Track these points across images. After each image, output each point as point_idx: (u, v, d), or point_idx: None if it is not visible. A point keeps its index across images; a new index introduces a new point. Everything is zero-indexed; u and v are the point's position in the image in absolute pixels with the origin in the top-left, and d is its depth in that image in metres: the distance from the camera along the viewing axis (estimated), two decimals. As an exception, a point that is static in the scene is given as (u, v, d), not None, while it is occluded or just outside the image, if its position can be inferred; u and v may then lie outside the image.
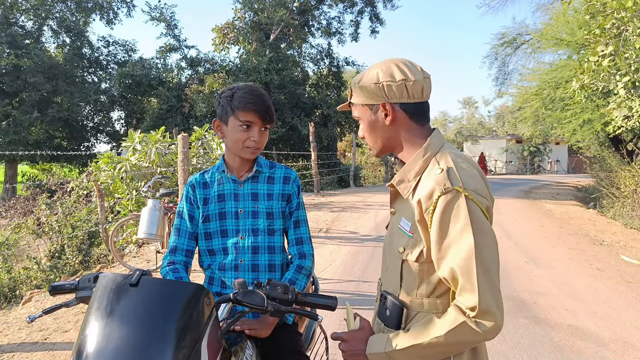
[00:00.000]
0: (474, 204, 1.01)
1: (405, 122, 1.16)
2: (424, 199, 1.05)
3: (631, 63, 5.87)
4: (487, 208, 1.06)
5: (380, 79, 1.14)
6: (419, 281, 1.11)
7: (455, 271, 1.00)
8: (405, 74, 1.12)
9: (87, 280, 1.25)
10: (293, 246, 1.75)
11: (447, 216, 1.02)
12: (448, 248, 1.02)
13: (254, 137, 1.58)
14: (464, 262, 0.99)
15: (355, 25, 20.88)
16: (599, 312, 3.96)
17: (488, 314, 0.97)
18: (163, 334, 0.96)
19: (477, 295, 0.97)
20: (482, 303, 0.97)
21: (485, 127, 47.22)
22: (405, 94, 1.13)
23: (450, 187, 1.02)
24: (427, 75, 1.16)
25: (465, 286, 0.99)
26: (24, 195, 12.22)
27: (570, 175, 29.38)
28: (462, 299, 1.00)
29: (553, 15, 12.20)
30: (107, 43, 22.25)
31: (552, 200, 12.52)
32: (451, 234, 1.01)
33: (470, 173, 1.07)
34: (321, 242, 6.67)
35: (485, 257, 1.00)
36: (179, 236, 1.68)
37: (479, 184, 1.06)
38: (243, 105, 1.55)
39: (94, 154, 11.63)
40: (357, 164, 18.17)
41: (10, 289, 5.84)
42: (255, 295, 1.19)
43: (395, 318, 1.14)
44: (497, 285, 1.01)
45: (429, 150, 1.14)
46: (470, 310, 0.98)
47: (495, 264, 1.02)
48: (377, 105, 1.16)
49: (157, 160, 7.10)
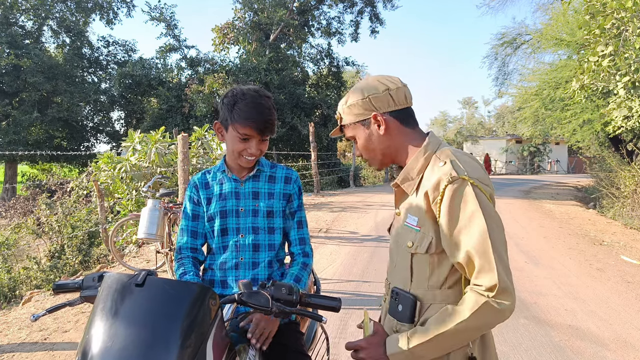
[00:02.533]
0: (479, 190, 1.07)
1: (398, 128, 1.22)
2: (431, 190, 1.10)
3: (631, 63, 5.88)
4: (491, 195, 1.11)
5: (365, 94, 1.21)
6: (430, 273, 1.15)
7: (471, 253, 1.04)
8: (385, 85, 1.21)
9: (92, 280, 1.25)
10: (296, 246, 1.76)
11: (456, 203, 1.06)
12: (459, 233, 1.06)
13: (251, 150, 1.59)
14: (480, 244, 1.03)
15: (355, 25, 20.90)
16: (599, 312, 3.97)
17: (506, 292, 1.02)
18: (169, 334, 0.96)
19: (496, 274, 1.01)
20: (501, 281, 1.01)
21: (485, 127, 47.27)
22: (392, 102, 1.20)
23: (457, 175, 1.07)
24: (405, 84, 1.25)
25: (484, 266, 1.02)
26: (23, 195, 12.22)
27: (570, 175, 29.40)
28: (480, 280, 1.03)
29: (553, 15, 12.21)
30: (107, 43, 22.24)
31: (552, 201, 12.53)
32: (462, 220, 1.06)
33: (472, 164, 1.12)
34: (321, 242, 6.67)
35: (495, 239, 1.04)
36: (182, 236, 1.72)
37: (481, 173, 1.11)
38: (242, 120, 1.54)
39: (93, 154, 11.64)
40: (357, 164, 18.16)
41: (10, 289, 5.84)
42: (260, 296, 1.19)
43: (409, 312, 1.16)
44: (508, 265, 1.05)
45: (429, 148, 1.19)
46: (489, 291, 1.02)
47: (504, 245, 1.07)
48: (368, 119, 1.23)
49: (157, 160, 7.10)
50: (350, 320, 3.70)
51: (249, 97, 1.56)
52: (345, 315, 3.79)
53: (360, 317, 3.77)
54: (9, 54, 17.30)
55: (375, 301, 4.18)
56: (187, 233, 1.71)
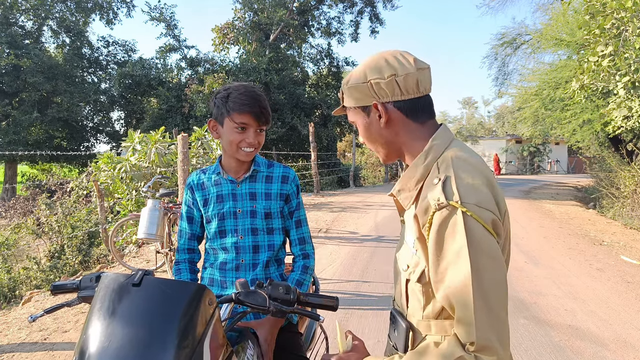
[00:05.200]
0: (472, 220, 0.87)
1: (402, 122, 1.03)
2: (420, 213, 0.94)
3: (631, 63, 5.88)
4: (493, 222, 0.91)
5: (367, 77, 1.02)
6: (425, 302, 0.99)
7: (450, 300, 0.89)
8: (394, 68, 1.00)
9: (89, 280, 1.25)
10: (296, 246, 1.75)
11: (442, 235, 0.89)
12: (445, 271, 0.90)
13: (249, 139, 1.57)
14: (459, 291, 0.86)
15: (355, 26, 20.91)
16: (599, 312, 3.96)
17: (488, 350, 0.84)
18: (166, 334, 0.96)
19: (474, 328, 0.84)
20: (480, 338, 0.84)
21: (485, 127, 47.24)
22: (398, 90, 1.01)
23: (445, 202, 0.89)
24: (424, 67, 1.03)
25: (461, 318, 0.87)
26: (23, 196, 12.22)
27: (570, 175, 29.40)
28: (458, 331, 0.88)
29: (553, 15, 12.20)
30: (107, 43, 22.26)
31: (552, 201, 12.53)
32: (448, 256, 0.89)
33: (472, 182, 0.92)
34: (321, 242, 6.67)
35: (485, 282, 0.86)
36: (180, 237, 1.75)
37: (481, 194, 0.91)
38: (238, 107, 1.52)
39: (93, 154, 11.64)
40: (357, 164, 18.18)
41: (10, 289, 5.83)
42: (257, 296, 1.19)
43: (403, 340, 1.04)
44: (499, 314, 0.86)
45: (430, 153, 1.00)
46: (470, 345, 0.86)
47: (498, 288, 0.87)
48: (369, 107, 1.05)
49: (156, 160, 7.10)
50: (350, 321, 3.70)
51: (241, 88, 1.57)
52: (345, 316, 3.79)
53: (360, 317, 3.77)
54: (9, 54, 17.31)
55: (375, 301, 4.18)
56: (184, 235, 1.74)
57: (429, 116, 1.06)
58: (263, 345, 1.45)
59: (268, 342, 1.48)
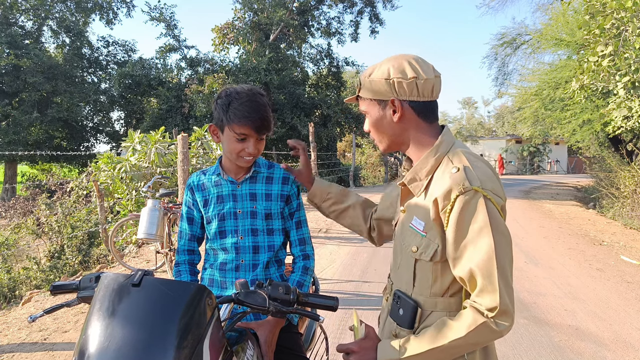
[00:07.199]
0: (491, 203, 1.02)
1: (413, 120, 1.15)
2: (441, 198, 1.05)
3: (631, 63, 5.88)
4: (502, 207, 1.06)
5: (391, 74, 1.13)
6: (433, 280, 1.12)
7: (474, 271, 1.01)
8: (417, 72, 1.11)
9: (89, 280, 1.25)
10: (296, 247, 1.75)
11: (466, 216, 1.02)
12: (465, 248, 1.02)
13: (249, 149, 1.55)
14: (485, 263, 0.99)
15: (355, 26, 20.88)
16: (599, 312, 3.96)
17: (506, 314, 0.99)
18: (165, 334, 0.96)
19: (498, 296, 0.98)
20: (502, 304, 0.98)
21: (485, 128, 47.25)
22: (416, 92, 1.12)
23: (469, 186, 1.01)
24: (438, 74, 1.16)
25: (486, 286, 1.00)
26: (23, 196, 12.21)
27: (570, 175, 29.40)
28: (481, 300, 1.01)
29: (553, 15, 12.20)
30: (107, 43, 22.26)
31: (552, 201, 12.52)
32: (470, 234, 1.02)
33: (486, 172, 1.06)
34: (321, 242, 6.67)
35: (502, 257, 1.00)
36: (180, 238, 1.74)
37: (494, 183, 1.05)
38: (238, 120, 1.50)
39: (93, 154, 11.64)
40: (357, 164, 18.18)
41: (10, 289, 5.83)
42: (257, 296, 1.18)
43: (409, 317, 1.13)
44: (511, 285, 1.02)
45: (440, 148, 1.13)
46: (489, 311, 0.99)
47: (510, 263, 1.03)
48: (386, 101, 1.16)
49: (156, 160, 7.10)
50: (349, 321, 3.70)
51: (243, 95, 1.53)
52: (345, 316, 3.79)
53: (360, 317, 3.77)
54: (8, 54, 17.31)
55: (374, 301, 4.18)
56: (184, 236, 1.73)
57: (435, 118, 1.19)
58: (263, 346, 1.45)
59: (269, 343, 1.47)
